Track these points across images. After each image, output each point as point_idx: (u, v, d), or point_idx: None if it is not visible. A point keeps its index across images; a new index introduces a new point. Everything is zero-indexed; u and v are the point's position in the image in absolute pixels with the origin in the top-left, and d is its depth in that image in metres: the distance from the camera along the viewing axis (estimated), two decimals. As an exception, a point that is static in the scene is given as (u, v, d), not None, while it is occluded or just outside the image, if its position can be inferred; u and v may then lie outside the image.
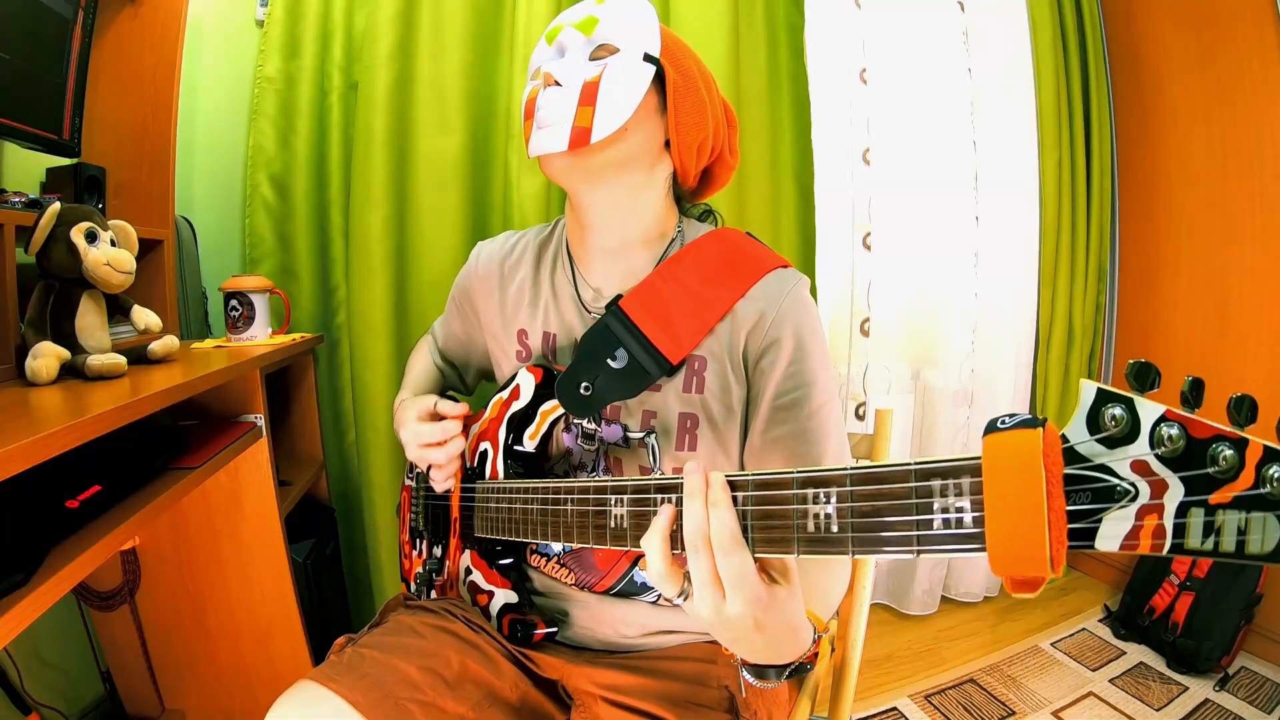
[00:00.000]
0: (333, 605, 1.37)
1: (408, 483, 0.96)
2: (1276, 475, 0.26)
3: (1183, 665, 1.56)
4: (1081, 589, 1.99)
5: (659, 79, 0.69)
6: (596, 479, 0.56)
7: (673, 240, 0.75)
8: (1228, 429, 0.28)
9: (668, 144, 0.71)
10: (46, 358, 0.78)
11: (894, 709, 1.46)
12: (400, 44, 1.30)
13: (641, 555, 0.72)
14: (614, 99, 0.66)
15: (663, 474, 0.68)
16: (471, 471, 0.79)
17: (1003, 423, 0.33)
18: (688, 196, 0.80)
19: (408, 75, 1.31)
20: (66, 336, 0.83)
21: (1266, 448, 0.26)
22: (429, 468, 0.75)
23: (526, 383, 0.74)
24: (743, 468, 0.72)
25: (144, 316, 0.92)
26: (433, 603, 0.80)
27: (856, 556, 0.39)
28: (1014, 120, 1.81)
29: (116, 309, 0.90)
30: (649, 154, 0.71)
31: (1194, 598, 1.60)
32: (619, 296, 0.70)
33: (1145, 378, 0.30)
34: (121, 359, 0.84)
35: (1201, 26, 1.75)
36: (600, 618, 0.74)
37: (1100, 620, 1.81)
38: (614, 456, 0.72)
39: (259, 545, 1.11)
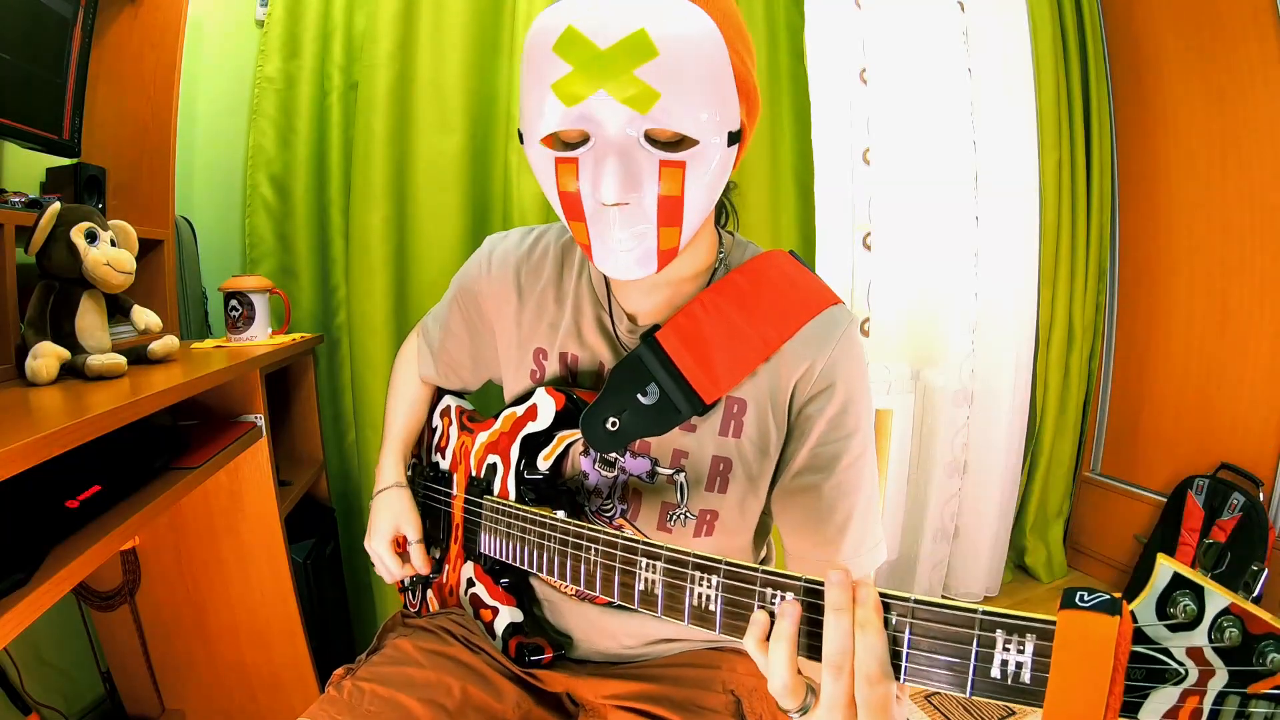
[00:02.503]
0: (333, 605, 1.36)
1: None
2: None
3: (1183, 665, 1.56)
4: (1081, 589, 1.99)
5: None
6: (624, 536, 0.53)
7: (716, 267, 0.68)
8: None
9: None
10: (46, 358, 0.78)
11: (894, 709, 1.46)
12: (400, 44, 1.30)
13: None
14: (699, 203, 0.55)
15: (687, 511, 0.67)
16: (478, 482, 0.76)
17: (1082, 600, 0.34)
18: None
19: (408, 75, 1.31)
20: (66, 336, 0.83)
21: None
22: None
23: (546, 407, 0.67)
24: (769, 506, 0.69)
25: (144, 316, 0.92)
26: (430, 621, 0.78)
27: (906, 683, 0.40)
28: (1014, 120, 1.81)
29: (116, 309, 0.90)
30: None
31: (1194, 598, 1.59)
32: (655, 327, 0.64)
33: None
34: (121, 359, 0.84)
35: (1201, 26, 1.75)
36: (602, 630, 0.73)
37: (1100, 620, 1.80)
38: (633, 488, 0.68)
39: (259, 545, 1.11)
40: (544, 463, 0.69)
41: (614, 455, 0.67)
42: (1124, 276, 2.04)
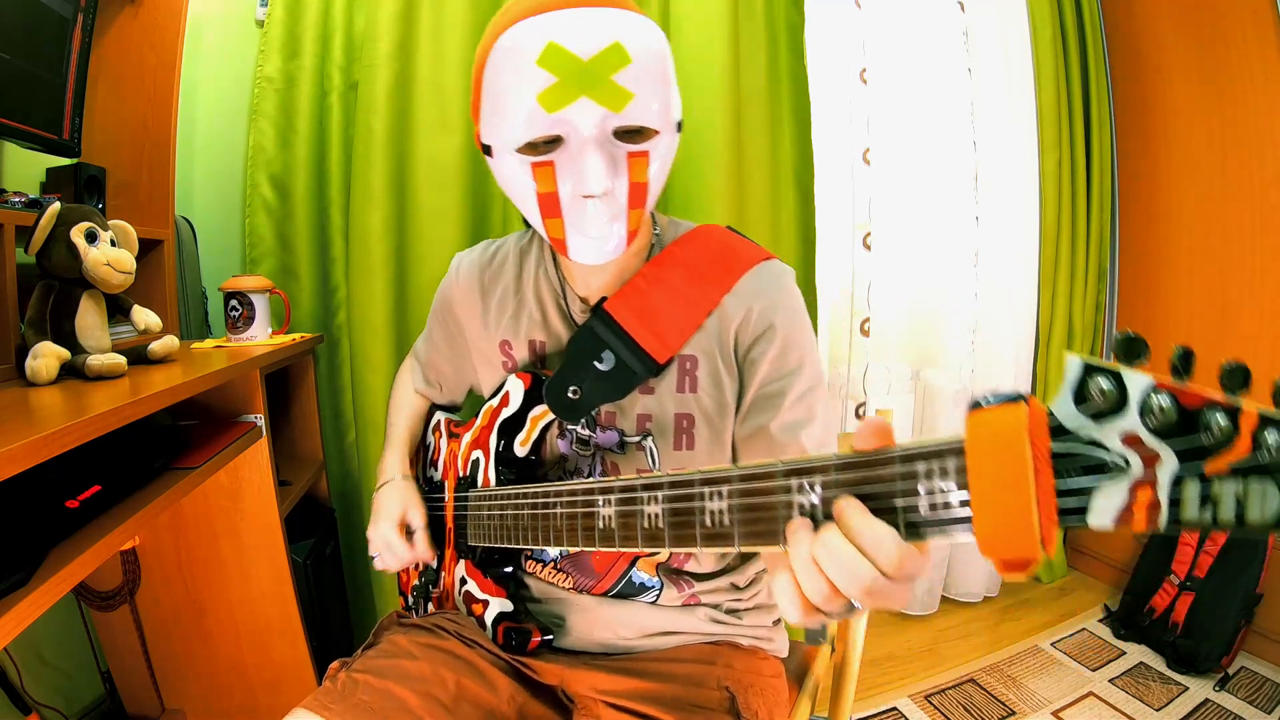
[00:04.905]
0: (333, 605, 1.36)
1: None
2: (1274, 441, 0.25)
3: (1183, 665, 1.56)
4: (1081, 589, 1.99)
5: None
6: (584, 481, 0.55)
7: (654, 242, 0.74)
8: (1220, 397, 0.26)
9: None
10: (46, 358, 0.78)
11: (894, 709, 1.46)
12: (400, 44, 1.30)
13: (637, 557, 0.72)
14: (658, 187, 0.64)
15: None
16: (465, 480, 0.79)
17: (986, 400, 0.31)
18: None
19: (408, 75, 1.31)
20: (66, 336, 0.83)
21: (1262, 414, 0.25)
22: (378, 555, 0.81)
23: (516, 389, 0.73)
24: (735, 458, 0.71)
25: (144, 316, 0.92)
26: (425, 620, 0.79)
27: None
28: (1014, 120, 1.81)
29: (116, 309, 0.90)
30: None
31: (1194, 598, 1.60)
32: (604, 299, 0.69)
33: (1133, 351, 0.28)
34: (121, 359, 0.84)
35: (1201, 26, 1.75)
36: (598, 621, 0.74)
37: (1100, 620, 1.81)
38: (610, 461, 0.72)
39: (259, 545, 1.11)
40: (521, 448, 0.73)
41: (587, 432, 0.71)
42: (1124, 276, 2.04)
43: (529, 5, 0.58)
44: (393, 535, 0.79)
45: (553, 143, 0.59)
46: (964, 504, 0.32)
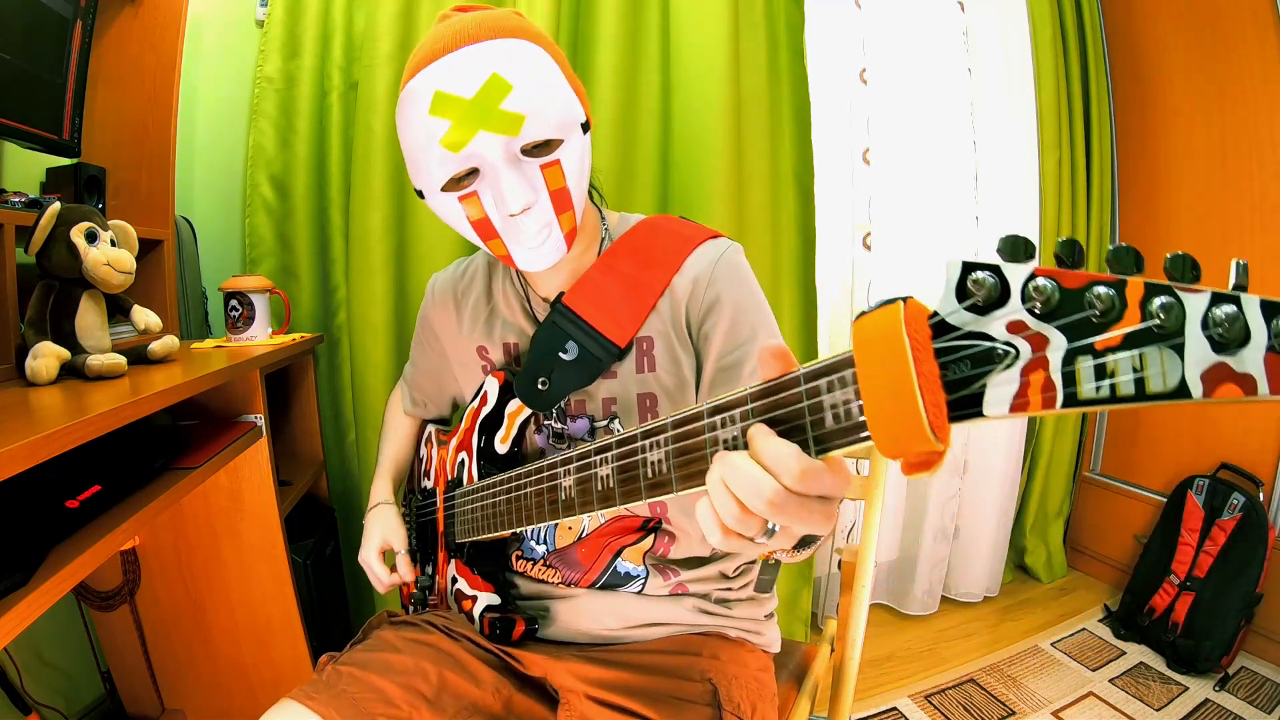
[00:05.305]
0: (333, 605, 1.36)
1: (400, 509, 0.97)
2: (1161, 306, 0.24)
3: (1183, 665, 1.56)
4: (1081, 589, 2.00)
5: None
6: (550, 458, 0.57)
7: (604, 237, 0.77)
8: (1105, 276, 0.26)
9: None
10: (46, 358, 0.78)
11: (894, 709, 1.46)
12: (400, 44, 1.30)
13: (621, 548, 0.73)
14: (580, 186, 0.67)
15: None
16: (453, 482, 0.81)
17: (869, 308, 0.32)
18: None
19: (408, 75, 1.31)
20: (66, 336, 0.83)
21: (1147, 284, 0.25)
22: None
23: (492, 387, 0.76)
24: None
25: (144, 316, 0.92)
26: (414, 616, 0.80)
27: None
28: (1014, 120, 1.81)
29: (116, 309, 0.91)
30: None
31: (1194, 598, 1.60)
32: (562, 294, 0.73)
33: (1017, 250, 0.28)
34: (121, 359, 0.84)
35: (1201, 26, 1.75)
36: (584, 611, 0.75)
37: (1100, 620, 1.81)
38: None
39: (259, 545, 1.11)
40: (502, 445, 0.75)
41: (560, 425, 0.73)
42: (1124, 276, 2.04)
43: (419, 58, 0.62)
44: (373, 560, 0.87)
45: (471, 174, 0.63)
46: (862, 410, 0.32)
